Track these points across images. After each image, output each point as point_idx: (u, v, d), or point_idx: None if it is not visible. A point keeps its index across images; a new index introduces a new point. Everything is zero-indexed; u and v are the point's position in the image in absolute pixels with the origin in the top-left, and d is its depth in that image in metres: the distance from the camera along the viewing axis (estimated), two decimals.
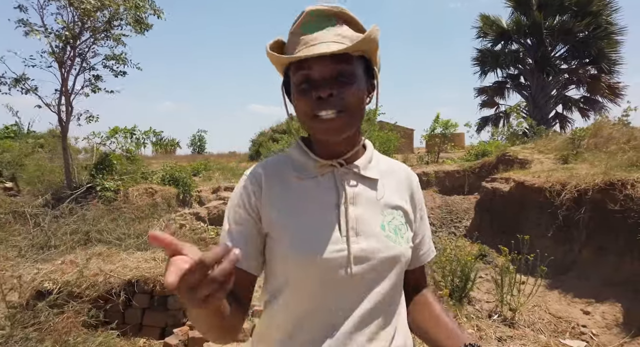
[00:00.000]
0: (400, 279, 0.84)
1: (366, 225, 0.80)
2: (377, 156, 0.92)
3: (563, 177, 5.29)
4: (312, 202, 0.81)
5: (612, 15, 15.25)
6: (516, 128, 14.12)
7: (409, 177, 0.92)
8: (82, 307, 2.38)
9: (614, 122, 7.35)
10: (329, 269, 0.76)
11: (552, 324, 4.40)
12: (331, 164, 0.82)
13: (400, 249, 0.80)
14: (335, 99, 0.75)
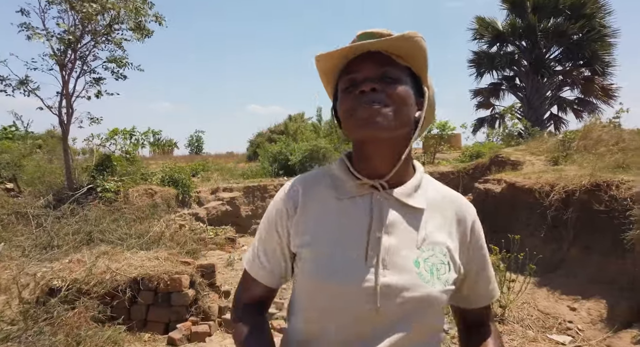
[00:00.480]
0: (434, 323, 0.77)
1: (397, 258, 0.74)
2: (428, 182, 0.84)
3: (552, 178, 5.47)
4: (345, 224, 0.76)
5: (605, 18, 15.48)
6: (511, 129, 14.33)
7: (463, 210, 0.83)
8: (91, 303, 2.53)
9: (605, 124, 7.53)
10: (348, 300, 0.72)
11: (540, 320, 4.57)
12: (372, 184, 0.77)
13: (432, 291, 0.73)
14: (378, 94, 0.73)
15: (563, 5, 15.38)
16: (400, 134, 0.76)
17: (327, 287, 0.73)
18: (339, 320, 0.73)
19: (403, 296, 0.72)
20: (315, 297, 0.75)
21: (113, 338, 2.59)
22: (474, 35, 17.45)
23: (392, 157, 0.77)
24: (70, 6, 8.04)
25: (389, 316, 0.72)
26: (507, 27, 16.69)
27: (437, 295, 0.74)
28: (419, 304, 0.73)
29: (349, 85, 0.76)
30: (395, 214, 0.76)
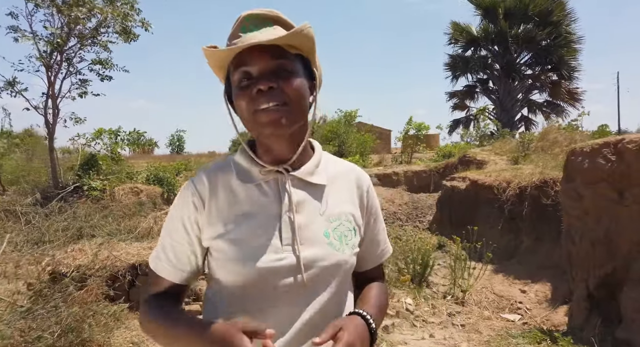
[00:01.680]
0: (345, 285, 0.83)
1: (309, 233, 0.78)
2: (327, 159, 0.88)
3: (510, 176, 6.05)
4: (255, 210, 0.78)
5: (571, 25, 16.43)
6: (483, 130, 15.08)
7: (360, 179, 0.88)
8: (99, 283, 2.92)
9: (563, 126, 8.20)
10: (270, 279, 0.75)
11: (495, 301, 5.13)
12: (276, 170, 0.80)
13: (342, 257, 0.79)
14: (276, 92, 0.73)
15: (532, 13, 16.23)
16: (299, 125, 0.79)
17: (250, 274, 0.75)
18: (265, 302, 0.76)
19: (319, 265, 0.77)
20: (239, 286, 0.76)
21: (117, 315, 2.99)
22: (450, 39, 18.20)
23: (293, 144, 0.80)
24: (57, 10, 8.27)
25: (312, 286, 0.76)
26: (480, 32, 17.48)
27: (347, 259, 0.80)
28: (334, 270, 0.78)
29: (242, 79, 0.75)
30: (301, 193, 0.80)
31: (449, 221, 6.81)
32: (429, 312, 4.58)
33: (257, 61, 0.74)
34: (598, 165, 2.74)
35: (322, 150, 0.89)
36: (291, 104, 0.74)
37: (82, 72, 9.21)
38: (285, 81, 0.74)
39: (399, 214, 7.73)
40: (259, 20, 0.77)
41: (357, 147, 13.84)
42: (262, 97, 0.73)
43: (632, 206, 2.55)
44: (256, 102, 0.73)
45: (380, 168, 10.72)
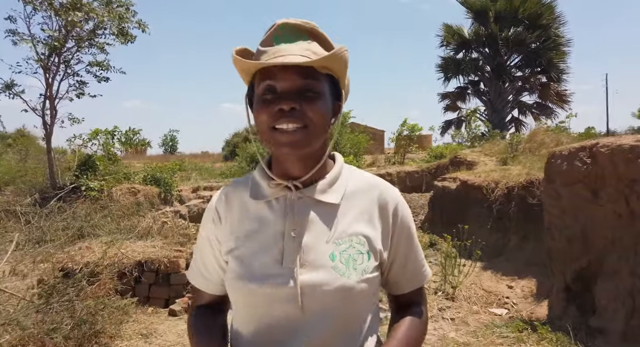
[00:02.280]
0: (355, 312, 0.76)
1: (313, 255, 0.74)
2: (349, 174, 0.83)
3: (498, 176, 6.29)
4: (262, 227, 0.77)
5: (560, 29, 16.81)
6: (474, 131, 15.37)
7: (385, 196, 0.81)
8: (110, 278, 3.09)
9: (550, 128, 8.47)
10: (269, 300, 0.73)
11: (484, 297, 5.36)
12: (286, 185, 0.77)
13: (348, 282, 0.73)
14: (298, 113, 0.71)
15: (522, 16, 16.57)
16: (317, 146, 0.77)
17: (248, 292, 0.74)
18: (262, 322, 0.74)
19: (321, 290, 0.72)
20: (240, 302, 0.77)
21: (126, 309, 3.17)
22: (442, 41, 18.48)
23: (308, 163, 0.77)
24: (55, 12, 8.38)
25: (311, 313, 0.72)
26: (472, 35, 17.80)
27: (352, 285, 0.73)
28: (336, 296, 0.72)
29: (266, 92, 0.73)
30: (310, 212, 0.76)
31: (440, 220, 7.03)
32: None
33: (284, 77, 0.72)
34: (575, 168, 2.96)
35: (345, 164, 0.85)
36: (311, 127, 0.72)
37: (80, 74, 9.32)
38: (308, 103, 0.72)
39: None
40: (293, 32, 0.74)
41: (351, 148, 14.05)
42: (283, 117, 0.71)
43: (606, 205, 2.77)
44: (276, 121, 0.72)
45: (374, 169, 10.94)
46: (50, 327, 2.76)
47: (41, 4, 8.24)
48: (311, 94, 0.73)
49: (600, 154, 2.79)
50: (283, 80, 0.72)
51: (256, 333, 0.76)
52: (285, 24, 0.74)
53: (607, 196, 2.75)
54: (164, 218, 8.67)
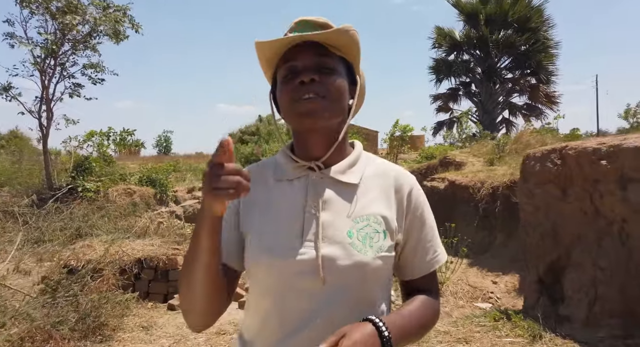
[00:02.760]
0: (371, 290, 0.79)
1: (331, 231, 0.77)
2: (366, 159, 0.88)
3: (484, 176, 6.53)
4: (284, 205, 0.81)
5: (548, 31, 17.14)
6: (466, 132, 15.66)
7: (401, 180, 0.85)
8: (113, 274, 3.27)
9: (536, 129, 8.72)
10: (288, 273, 0.76)
11: (470, 292, 5.58)
12: (308, 166, 0.82)
13: (364, 258, 0.75)
14: (317, 85, 0.77)
15: (511, 19, 16.88)
16: (335, 122, 0.81)
17: (270, 265, 0.76)
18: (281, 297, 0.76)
19: (338, 265, 0.74)
20: (261, 278, 0.78)
21: (127, 304, 3.35)
22: (434, 43, 18.77)
23: (327, 142, 0.82)
24: (51, 16, 8.52)
25: (330, 285, 0.74)
26: (463, 37, 18.10)
27: (368, 261, 0.75)
28: (352, 271, 0.75)
29: (288, 73, 0.80)
30: (330, 191, 0.80)
31: None
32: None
33: (302, 56, 0.79)
34: (546, 168, 3.19)
35: (364, 151, 0.90)
36: (330, 98, 0.78)
37: (75, 76, 9.46)
38: (326, 77, 0.78)
39: None
40: (309, 25, 0.82)
41: None
42: (304, 87, 0.77)
43: (573, 203, 3.00)
44: (297, 93, 0.77)
45: None
46: (56, 320, 2.95)
47: (38, 7, 8.38)
48: (327, 69, 0.79)
49: (569, 156, 3.02)
50: (301, 59, 0.79)
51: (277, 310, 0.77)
52: (302, 20, 0.84)
53: (575, 194, 2.98)
54: (160, 218, 8.84)
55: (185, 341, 3.06)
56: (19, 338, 2.84)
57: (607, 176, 2.71)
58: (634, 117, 14.40)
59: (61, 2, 8.50)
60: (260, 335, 0.80)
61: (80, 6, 8.67)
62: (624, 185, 2.61)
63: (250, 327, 0.83)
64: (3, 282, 3.76)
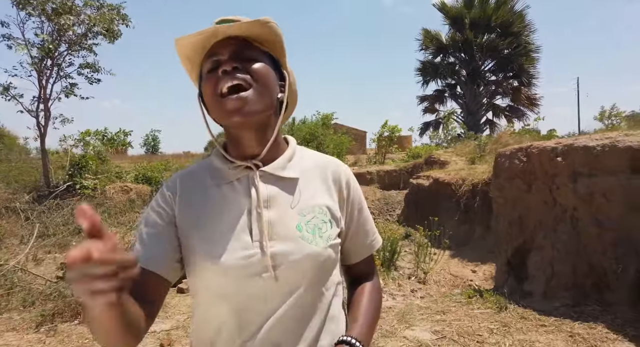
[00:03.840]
0: (324, 278, 0.80)
1: (280, 228, 0.77)
2: (302, 153, 0.88)
3: (465, 174, 7.02)
4: (227, 208, 0.78)
5: (529, 36, 17.82)
6: (450, 132, 16.24)
7: (338, 171, 0.87)
8: None
9: (519, 130, 9.24)
10: (241, 275, 0.74)
11: (451, 280, 6.05)
12: (246, 166, 0.80)
13: (315, 249, 0.77)
14: (240, 72, 0.74)
15: (494, 24, 17.53)
16: (266, 115, 0.79)
17: (219, 270, 0.74)
18: (237, 302, 0.75)
19: (291, 260, 0.75)
20: (210, 285, 0.76)
21: None
22: (421, 46, 19.32)
23: (261, 138, 0.80)
24: (47, 17, 8.75)
25: (284, 281, 0.75)
26: (449, 40, 18.68)
27: (320, 251, 0.77)
28: (306, 263, 0.76)
29: (211, 67, 0.77)
30: (273, 188, 0.80)
31: (414, 214, 7.73)
32: (396, 289, 5.46)
33: (225, 48, 0.76)
34: (514, 165, 3.66)
35: (297, 145, 0.90)
36: (256, 86, 0.75)
37: (71, 76, 9.69)
38: (251, 64, 0.76)
39: (372, 209, 8.63)
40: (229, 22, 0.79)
41: (334, 148, 14.70)
42: (227, 76, 0.74)
43: (536, 195, 3.47)
44: (221, 83, 0.74)
45: (356, 168, 11.59)
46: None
47: (35, 9, 8.60)
48: (251, 59, 0.77)
49: (532, 154, 3.48)
50: (224, 51, 0.76)
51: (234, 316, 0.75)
52: (222, 19, 0.82)
53: (537, 187, 3.44)
54: None
55: None
56: (52, 313, 3.20)
57: (562, 171, 3.17)
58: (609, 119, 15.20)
59: (56, 4, 8.74)
60: (218, 339, 0.77)
61: (75, 7, 8.91)
62: (574, 178, 3.08)
63: (203, 337, 0.79)
64: (26, 269, 4.10)
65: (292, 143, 0.88)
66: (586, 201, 2.99)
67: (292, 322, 0.75)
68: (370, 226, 0.91)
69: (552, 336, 2.62)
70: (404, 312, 3.43)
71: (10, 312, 3.39)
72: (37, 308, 3.39)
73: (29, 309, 3.41)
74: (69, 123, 10.16)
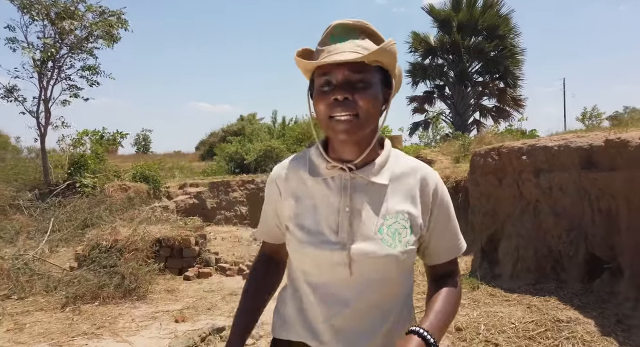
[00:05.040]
0: (399, 282, 0.88)
1: (364, 229, 0.84)
2: (395, 158, 0.93)
3: (450, 172, 7.47)
4: (321, 202, 0.88)
5: (515, 39, 18.41)
6: (439, 132, 16.76)
7: (426, 177, 0.91)
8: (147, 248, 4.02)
9: (502, 130, 9.71)
10: (324, 264, 0.85)
11: None
12: (341, 167, 0.87)
13: (393, 252, 0.83)
14: (350, 103, 0.80)
15: (481, 27, 18.08)
16: (368, 132, 0.86)
17: (307, 255, 0.86)
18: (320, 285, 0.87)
19: (370, 259, 0.83)
20: (299, 263, 0.90)
21: (155, 272, 4.11)
22: (410, 48, 19.80)
23: (360, 147, 0.87)
24: (50, 22, 9.03)
25: (360, 278, 0.84)
26: (437, 42, 19.18)
27: (397, 254, 0.83)
28: (382, 263, 0.83)
29: (323, 85, 0.83)
30: (362, 191, 0.87)
31: None
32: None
33: (337, 72, 0.81)
34: (488, 163, 4.10)
35: (392, 148, 0.95)
36: (362, 115, 0.81)
37: (72, 79, 9.97)
38: (359, 93, 0.81)
39: None
40: (347, 30, 0.84)
41: None
42: (338, 106, 0.81)
43: (506, 189, 3.92)
44: (332, 110, 0.82)
45: None
46: (100, 284, 3.69)
47: (38, 13, 8.87)
48: (362, 84, 0.82)
49: (503, 153, 3.93)
50: (337, 75, 0.82)
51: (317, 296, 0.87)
52: (339, 24, 0.85)
53: (507, 182, 3.89)
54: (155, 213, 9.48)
55: (205, 299, 3.83)
56: (74, 296, 3.58)
57: (527, 168, 3.62)
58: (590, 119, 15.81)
59: (59, 8, 9.02)
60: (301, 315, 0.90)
61: (77, 12, 9.20)
62: (537, 174, 3.52)
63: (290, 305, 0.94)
64: (44, 259, 4.47)
65: (387, 147, 0.94)
66: (546, 194, 3.44)
67: (364, 316, 0.85)
68: (456, 230, 0.97)
69: (513, 308, 3.06)
70: None
71: (35, 296, 3.75)
72: (59, 293, 3.76)
73: (52, 293, 3.78)
74: (67, 127, 10.46)
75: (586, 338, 2.44)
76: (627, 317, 2.56)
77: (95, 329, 3.07)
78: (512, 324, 2.76)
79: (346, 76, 0.81)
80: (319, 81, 0.84)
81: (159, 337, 2.96)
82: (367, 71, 0.82)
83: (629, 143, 2.70)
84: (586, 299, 2.95)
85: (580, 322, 2.64)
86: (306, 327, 0.89)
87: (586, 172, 3.10)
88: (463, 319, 2.98)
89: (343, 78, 0.81)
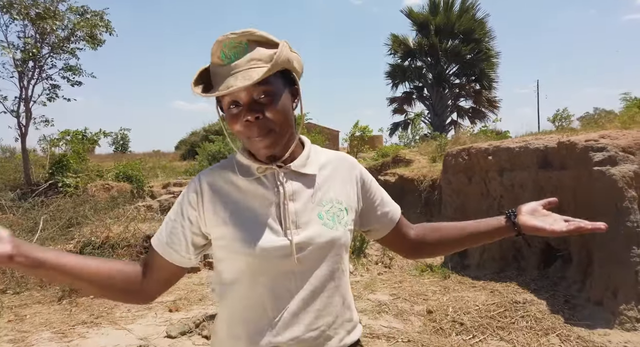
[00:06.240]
0: (340, 259, 0.92)
1: (305, 217, 0.88)
2: (316, 151, 0.99)
3: (426, 171, 7.85)
4: (255, 201, 0.89)
5: (490, 43, 19.11)
6: (418, 132, 17.25)
7: (350, 163, 1.00)
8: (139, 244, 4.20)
9: (477, 131, 10.16)
10: (274, 260, 0.86)
11: (414, 265, 6.85)
12: (271, 167, 0.90)
13: (336, 233, 0.89)
14: (262, 121, 0.82)
15: (457, 30, 18.69)
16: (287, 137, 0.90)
17: (251, 253, 0.85)
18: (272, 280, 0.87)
19: (315, 243, 0.87)
20: (247, 267, 0.87)
21: None
22: (390, 50, 20.28)
23: (285, 146, 0.90)
24: (31, 21, 9.01)
25: (307, 264, 0.87)
26: (416, 45, 19.71)
27: (340, 235, 0.90)
28: (328, 246, 0.88)
29: (231, 104, 0.84)
30: (296, 183, 0.91)
31: None
32: (364, 273, 6.20)
33: (241, 92, 0.82)
34: (459, 162, 4.45)
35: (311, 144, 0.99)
36: (277, 129, 0.85)
37: (53, 78, 9.95)
38: (268, 108, 0.83)
39: None
40: (236, 44, 0.83)
41: None
42: (252, 126, 0.83)
43: (474, 187, 4.27)
44: (248, 132, 0.84)
45: None
46: None
47: (19, 13, 8.83)
48: (267, 98, 0.83)
49: (472, 154, 4.29)
50: (241, 95, 0.82)
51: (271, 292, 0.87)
52: (226, 40, 0.83)
53: (475, 180, 4.25)
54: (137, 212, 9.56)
55: (196, 291, 4.05)
56: (69, 289, 3.76)
57: (492, 167, 3.98)
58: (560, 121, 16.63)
59: (39, 8, 9.01)
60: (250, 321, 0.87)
61: (58, 12, 9.20)
62: (501, 173, 3.89)
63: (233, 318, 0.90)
64: None
65: (307, 143, 0.99)
66: (508, 190, 3.80)
67: (315, 298, 0.88)
68: (387, 197, 1.08)
69: (479, 292, 3.41)
70: (369, 283, 4.17)
71: (30, 291, 3.91)
72: (54, 287, 3.92)
73: (46, 288, 3.94)
74: (50, 125, 10.41)
75: (538, 316, 2.80)
76: (574, 297, 2.93)
77: (94, 318, 3.26)
78: (477, 306, 3.09)
79: (251, 93, 0.82)
80: (225, 103, 0.85)
81: (156, 325, 3.18)
82: (269, 82, 0.83)
83: (576, 145, 3.07)
84: (541, 283, 3.32)
85: (534, 303, 2.99)
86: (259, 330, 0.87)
87: (543, 171, 3.46)
88: (434, 303, 3.32)
89: (249, 98, 0.82)
